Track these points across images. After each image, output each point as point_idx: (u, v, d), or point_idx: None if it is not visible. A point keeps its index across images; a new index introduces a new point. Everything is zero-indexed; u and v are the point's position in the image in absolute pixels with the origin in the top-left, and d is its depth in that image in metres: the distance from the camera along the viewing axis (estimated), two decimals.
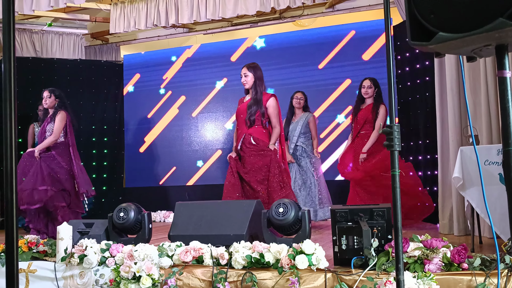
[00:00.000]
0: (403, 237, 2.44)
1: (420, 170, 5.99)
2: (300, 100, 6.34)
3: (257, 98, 4.98)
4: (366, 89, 5.86)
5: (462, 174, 3.74)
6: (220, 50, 8.15)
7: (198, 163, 8.26)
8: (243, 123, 5.02)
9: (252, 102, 5.00)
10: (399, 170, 2.12)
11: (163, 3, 6.75)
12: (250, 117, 4.95)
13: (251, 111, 4.95)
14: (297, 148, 6.21)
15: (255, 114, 4.94)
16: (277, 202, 3.60)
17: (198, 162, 8.25)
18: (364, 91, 5.87)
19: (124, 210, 3.93)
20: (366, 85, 5.88)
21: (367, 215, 3.13)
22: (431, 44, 1.59)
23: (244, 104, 5.09)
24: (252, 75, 5.03)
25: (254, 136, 4.94)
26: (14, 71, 1.20)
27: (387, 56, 2.24)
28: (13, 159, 1.18)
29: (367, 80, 5.92)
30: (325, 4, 7.39)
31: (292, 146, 6.23)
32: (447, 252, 2.84)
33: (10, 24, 1.22)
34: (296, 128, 6.24)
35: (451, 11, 1.54)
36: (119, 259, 3.42)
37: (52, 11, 7.15)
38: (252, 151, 4.91)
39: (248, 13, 6.46)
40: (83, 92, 8.17)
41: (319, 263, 3.02)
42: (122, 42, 8.76)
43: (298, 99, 6.34)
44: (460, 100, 4.71)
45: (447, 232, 4.82)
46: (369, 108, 5.81)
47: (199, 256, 3.32)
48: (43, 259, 3.79)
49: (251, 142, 4.92)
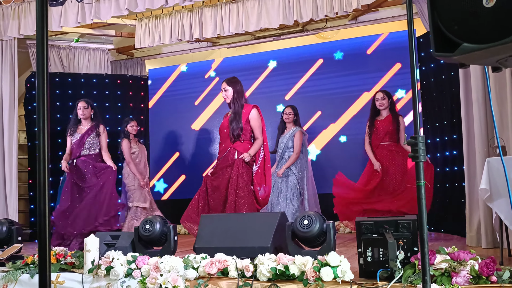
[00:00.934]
0: (429, 249, 2.41)
1: (447, 182, 5.93)
2: (289, 115, 6.60)
3: (237, 112, 4.97)
4: (381, 101, 5.92)
5: (489, 186, 3.69)
6: (243, 63, 8.21)
7: None
8: (227, 138, 5.00)
9: (232, 116, 4.99)
10: (425, 182, 2.11)
11: (187, 18, 6.85)
12: (233, 132, 4.93)
13: (233, 126, 4.94)
14: (284, 161, 6.45)
15: (237, 129, 4.92)
16: (302, 214, 3.59)
17: None
18: (379, 103, 5.93)
19: (150, 222, 3.97)
20: (380, 97, 5.95)
21: (393, 227, 3.11)
22: (455, 55, 1.60)
23: (226, 119, 5.08)
24: (231, 89, 5.03)
25: (238, 150, 4.92)
26: (47, 87, 1.24)
27: (411, 67, 2.24)
28: (46, 172, 1.22)
29: (379, 93, 6.00)
30: (348, 16, 7.39)
31: (278, 159, 6.48)
32: (475, 265, 2.80)
33: (44, 42, 1.27)
34: (283, 142, 6.50)
35: (475, 22, 1.54)
36: (145, 271, 3.46)
37: (79, 27, 7.31)
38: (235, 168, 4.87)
39: (271, 26, 6.50)
40: (109, 106, 8.31)
41: (344, 275, 3.00)
42: (147, 56, 8.89)
43: (287, 114, 6.61)
44: (486, 110, 4.66)
45: (475, 245, 4.74)
46: (389, 120, 5.82)
47: (224, 268, 3.33)
48: (71, 271, 3.84)
49: (234, 157, 4.90)
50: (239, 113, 4.97)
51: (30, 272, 3.84)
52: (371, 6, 7.09)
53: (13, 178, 6.73)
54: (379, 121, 5.92)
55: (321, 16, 6.10)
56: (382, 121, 5.90)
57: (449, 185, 5.89)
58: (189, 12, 6.84)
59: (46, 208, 1.17)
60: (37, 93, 1.25)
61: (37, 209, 1.20)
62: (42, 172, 1.20)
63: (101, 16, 6.08)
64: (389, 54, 7.31)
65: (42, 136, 1.21)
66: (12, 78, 6.89)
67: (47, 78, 1.28)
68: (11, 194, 6.68)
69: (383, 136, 5.86)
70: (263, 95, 7.92)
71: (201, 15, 6.77)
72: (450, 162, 5.90)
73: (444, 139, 6.03)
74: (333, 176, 6.23)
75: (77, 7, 6.13)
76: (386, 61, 7.31)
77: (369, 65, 7.42)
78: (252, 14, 6.44)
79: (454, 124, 5.79)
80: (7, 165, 6.73)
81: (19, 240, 4.52)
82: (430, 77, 6.30)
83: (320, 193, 6.71)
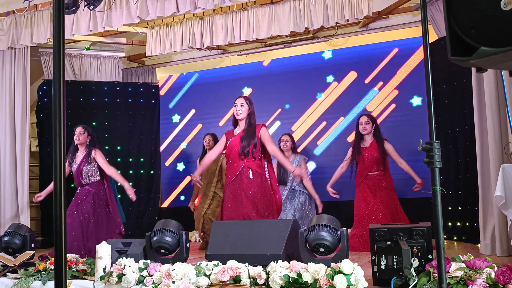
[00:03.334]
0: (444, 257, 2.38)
1: (460, 189, 5.87)
2: (287, 142, 6.56)
3: (251, 130, 4.94)
4: (364, 125, 5.71)
5: (504, 193, 3.65)
6: (251, 70, 8.23)
7: None
8: (237, 156, 4.94)
9: (244, 134, 4.95)
10: (441, 188, 2.08)
11: (198, 26, 6.87)
12: (243, 149, 4.88)
13: (243, 144, 4.90)
14: (294, 189, 6.43)
15: (249, 146, 4.88)
16: (317, 233, 3.57)
17: None
18: (362, 128, 5.73)
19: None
20: (364, 121, 5.74)
21: (406, 234, 3.08)
22: (472, 59, 1.58)
23: (236, 137, 5.00)
24: (247, 107, 5.00)
25: (253, 169, 4.89)
26: (63, 93, 1.24)
27: (425, 73, 2.23)
28: (62, 178, 1.21)
29: (363, 117, 5.79)
30: (358, 23, 7.39)
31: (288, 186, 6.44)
32: (491, 273, 2.76)
33: (60, 51, 1.27)
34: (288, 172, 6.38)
35: (492, 25, 1.52)
36: (157, 278, 3.45)
37: (91, 35, 7.36)
38: (252, 183, 4.86)
39: (282, 33, 6.50)
40: (120, 113, 8.34)
41: (358, 283, 2.98)
42: (158, 64, 8.93)
43: (284, 142, 6.57)
44: (500, 117, 4.61)
45: (490, 253, 4.68)
46: (375, 147, 5.68)
47: (236, 275, 3.31)
48: (82, 278, 3.84)
49: (249, 176, 4.87)
50: (252, 132, 4.94)
51: (42, 279, 3.85)
52: (381, 13, 7.08)
53: (25, 185, 6.77)
54: (365, 149, 5.73)
55: (331, 23, 6.09)
56: (367, 148, 5.71)
57: (462, 192, 5.84)
58: (200, 20, 6.86)
59: (62, 213, 1.16)
60: (53, 97, 1.26)
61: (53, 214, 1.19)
62: (58, 177, 1.20)
63: (112, 24, 6.11)
64: (399, 62, 7.29)
65: (58, 141, 1.21)
66: (25, 86, 6.95)
67: (63, 85, 1.28)
68: (23, 201, 6.71)
69: (370, 165, 5.67)
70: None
71: (212, 22, 6.79)
72: (462, 169, 5.84)
73: (456, 146, 5.98)
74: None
75: (89, 15, 6.16)
76: (395, 69, 7.29)
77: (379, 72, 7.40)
78: (263, 21, 6.45)
79: (466, 131, 5.73)
80: (19, 173, 6.77)
81: (32, 247, 4.53)
82: (442, 84, 6.25)
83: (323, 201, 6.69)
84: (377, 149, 5.65)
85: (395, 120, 7.25)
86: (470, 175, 5.62)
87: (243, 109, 4.97)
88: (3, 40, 6.71)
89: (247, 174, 4.86)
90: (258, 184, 4.84)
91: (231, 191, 4.91)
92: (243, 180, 4.86)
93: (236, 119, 5.04)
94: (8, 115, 6.84)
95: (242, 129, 4.99)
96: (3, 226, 6.50)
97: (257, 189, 4.82)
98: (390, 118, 7.28)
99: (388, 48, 7.42)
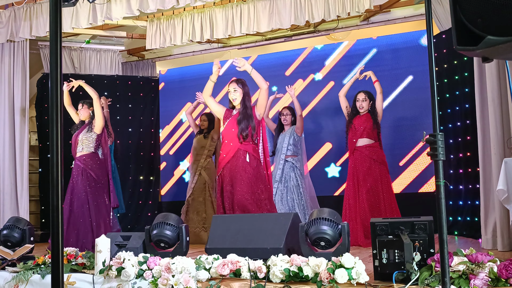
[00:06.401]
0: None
1: (461, 184, 5.84)
2: (286, 116, 6.55)
3: (247, 112, 4.94)
4: (361, 102, 5.61)
5: (506, 187, 3.63)
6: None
7: None
8: (235, 137, 4.92)
9: (241, 117, 4.94)
10: (444, 181, 2.05)
11: (198, 19, 6.82)
12: (242, 132, 4.88)
13: (241, 126, 4.89)
14: (286, 161, 6.36)
15: (247, 129, 4.88)
16: (318, 227, 3.54)
17: None
18: (359, 105, 5.63)
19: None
20: (361, 98, 5.63)
21: (408, 228, 3.05)
22: (478, 49, 1.54)
23: (233, 119, 4.99)
24: (241, 90, 5.00)
25: (250, 153, 4.89)
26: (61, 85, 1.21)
27: (429, 66, 2.20)
28: (59, 171, 1.19)
29: (361, 93, 5.67)
30: (360, 17, 7.34)
31: (282, 157, 6.37)
32: (493, 267, 2.74)
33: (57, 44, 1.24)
34: (284, 140, 6.41)
35: (499, 14, 1.49)
36: (157, 272, 3.43)
37: (90, 28, 7.31)
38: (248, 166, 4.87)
39: (282, 26, 6.45)
40: (120, 107, 8.30)
41: (359, 277, 2.96)
42: (158, 58, 8.89)
43: (284, 116, 6.57)
44: (502, 110, 4.58)
45: (491, 248, 4.66)
46: (368, 116, 5.60)
47: (236, 269, 3.29)
48: (82, 272, 3.83)
49: (246, 159, 4.87)
50: (248, 114, 4.94)
51: (41, 273, 3.83)
52: (383, 7, 7.04)
53: (24, 179, 6.74)
54: (357, 117, 5.64)
55: (333, 16, 6.04)
56: (359, 117, 5.63)
57: (463, 187, 5.81)
58: (200, 13, 6.81)
59: (59, 203, 1.14)
60: (50, 91, 1.23)
61: (49, 204, 1.16)
62: (55, 167, 1.17)
63: (112, 17, 6.06)
64: (399, 54, 7.24)
65: (55, 130, 1.18)
66: (24, 79, 6.91)
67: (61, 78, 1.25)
68: (22, 195, 6.69)
69: (360, 132, 5.54)
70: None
71: (212, 16, 6.74)
72: (463, 163, 5.82)
73: (457, 141, 5.95)
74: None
75: (89, 7, 6.12)
76: (395, 61, 7.24)
77: (379, 65, 7.35)
78: (264, 14, 6.40)
79: (467, 125, 5.70)
80: (18, 166, 6.74)
81: (31, 241, 4.51)
82: (443, 77, 6.21)
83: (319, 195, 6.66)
84: (370, 119, 5.58)
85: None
86: (471, 169, 5.60)
87: (237, 94, 5.01)
88: (2, 33, 6.67)
89: (244, 157, 4.87)
90: (253, 167, 4.85)
91: (228, 172, 4.91)
92: (239, 163, 4.86)
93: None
94: (7, 108, 6.80)
95: (238, 111, 5.01)
96: (2, 219, 6.48)
97: (252, 172, 4.83)
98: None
99: (387, 41, 7.37)
